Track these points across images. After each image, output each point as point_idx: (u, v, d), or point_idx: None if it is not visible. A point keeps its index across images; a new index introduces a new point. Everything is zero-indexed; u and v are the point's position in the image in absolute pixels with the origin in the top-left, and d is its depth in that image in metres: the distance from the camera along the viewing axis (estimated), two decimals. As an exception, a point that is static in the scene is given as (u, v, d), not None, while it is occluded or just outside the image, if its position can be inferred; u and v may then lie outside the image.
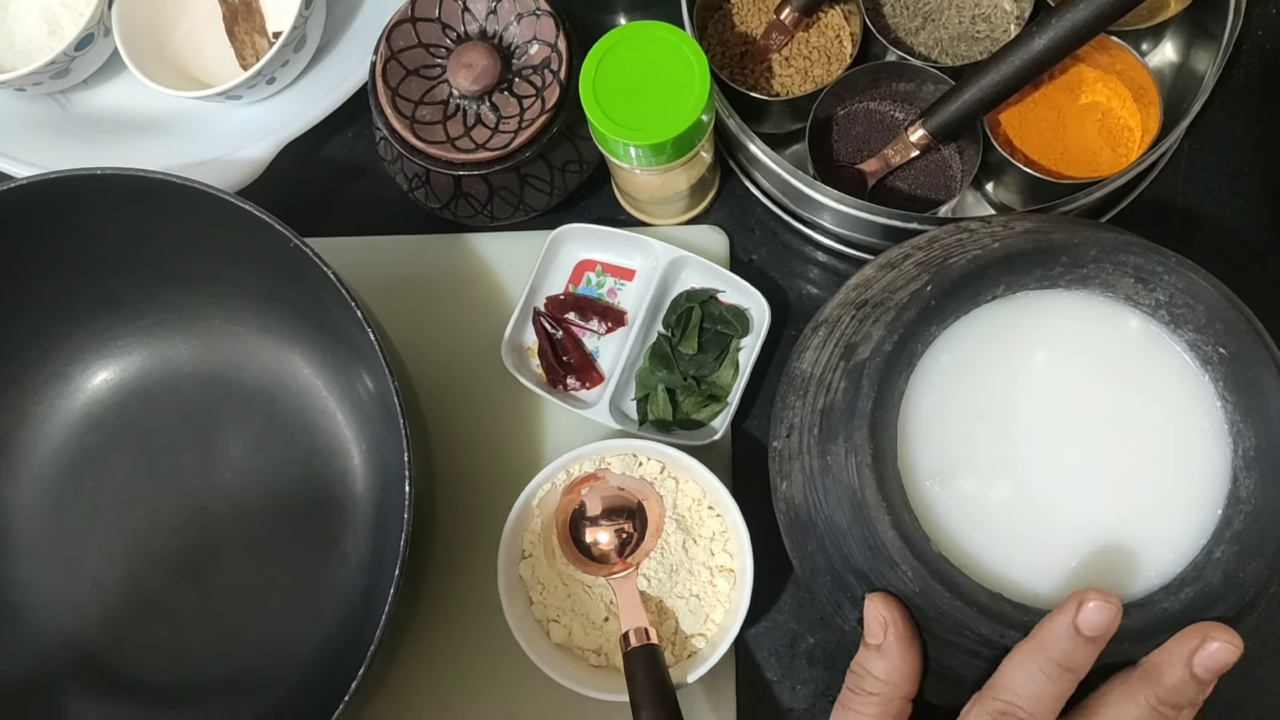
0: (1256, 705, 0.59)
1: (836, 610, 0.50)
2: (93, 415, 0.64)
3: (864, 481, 0.44)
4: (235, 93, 0.65)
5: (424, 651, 0.61)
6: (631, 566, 0.57)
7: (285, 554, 0.62)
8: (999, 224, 0.52)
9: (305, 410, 0.63)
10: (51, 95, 0.71)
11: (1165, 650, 0.42)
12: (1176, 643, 0.41)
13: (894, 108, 0.64)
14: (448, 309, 0.66)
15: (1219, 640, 0.41)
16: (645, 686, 0.52)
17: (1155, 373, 0.47)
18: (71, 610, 0.62)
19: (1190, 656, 0.41)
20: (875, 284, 0.52)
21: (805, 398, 0.51)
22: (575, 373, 0.63)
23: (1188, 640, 0.41)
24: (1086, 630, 0.40)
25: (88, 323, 0.63)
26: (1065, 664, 0.41)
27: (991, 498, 0.46)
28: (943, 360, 0.47)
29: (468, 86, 0.59)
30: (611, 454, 0.58)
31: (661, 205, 0.65)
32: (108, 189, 0.55)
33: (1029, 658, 0.41)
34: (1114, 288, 0.47)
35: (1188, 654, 0.41)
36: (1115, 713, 0.41)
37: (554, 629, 0.57)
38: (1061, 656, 0.41)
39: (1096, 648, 0.41)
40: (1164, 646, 0.42)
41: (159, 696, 0.60)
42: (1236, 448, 0.45)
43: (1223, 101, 0.67)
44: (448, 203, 0.63)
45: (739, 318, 0.63)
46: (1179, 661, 0.41)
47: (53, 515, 0.63)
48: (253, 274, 0.60)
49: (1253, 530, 0.43)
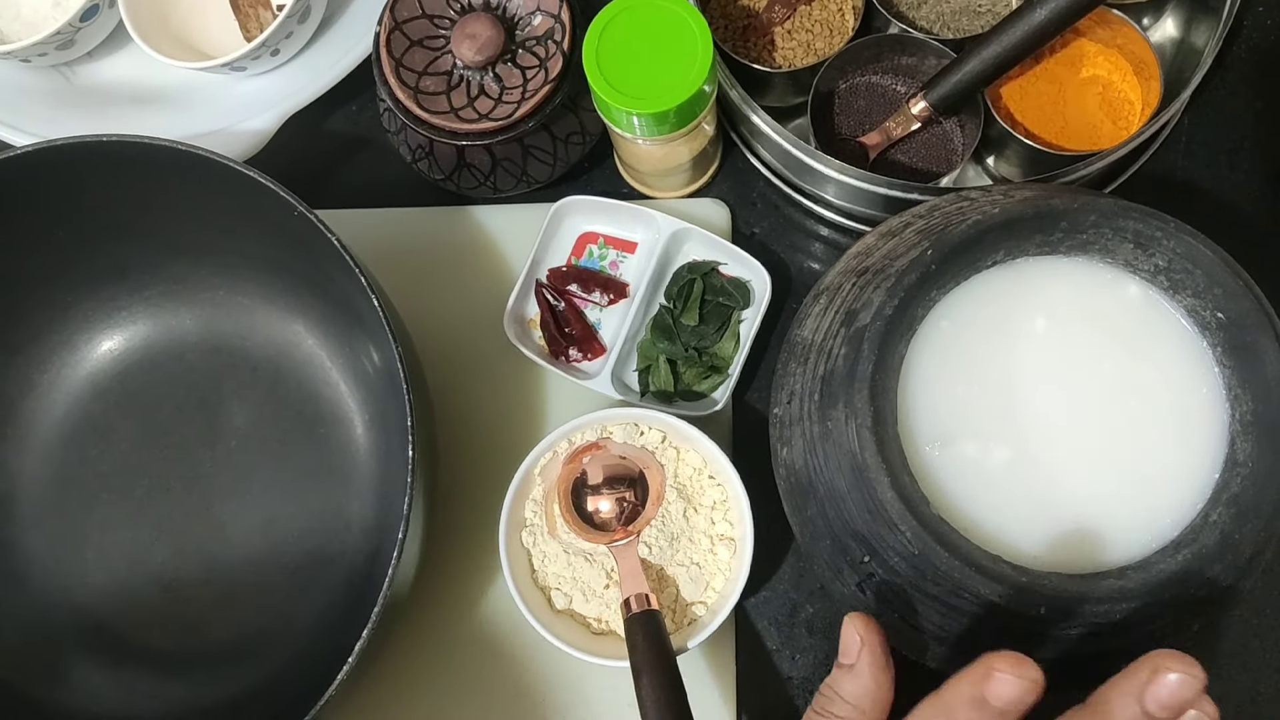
0: (1251, 676, 0.59)
1: (836, 575, 0.51)
2: (98, 384, 0.65)
3: (864, 444, 0.45)
4: (239, 64, 0.65)
5: (427, 619, 0.62)
6: (633, 534, 0.57)
7: (288, 522, 0.62)
8: (999, 192, 0.52)
9: (309, 380, 0.64)
10: (56, 67, 0.71)
11: (1114, 685, 0.36)
12: (1126, 676, 0.36)
13: (896, 81, 0.65)
14: (450, 281, 0.66)
15: (1175, 671, 0.35)
16: (646, 652, 0.52)
17: (1154, 338, 0.47)
18: (76, 577, 0.62)
19: (1142, 691, 0.35)
20: (876, 252, 0.52)
21: (806, 364, 0.51)
22: (577, 344, 0.64)
23: (1138, 673, 0.36)
24: (994, 701, 0.36)
25: (93, 292, 0.63)
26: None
27: (991, 462, 0.47)
28: (943, 325, 0.48)
29: (471, 57, 0.59)
30: (613, 423, 0.59)
31: (664, 178, 0.65)
32: (112, 157, 0.55)
33: (933, 715, 0.39)
34: (1113, 253, 0.47)
35: (1138, 688, 0.35)
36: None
37: (555, 596, 0.58)
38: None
39: (1015, 714, 0.37)
40: (1113, 681, 0.37)
41: (163, 662, 0.61)
42: (1234, 412, 0.45)
43: (1223, 77, 0.67)
44: (451, 174, 0.64)
45: (740, 290, 0.63)
46: (1129, 696, 0.36)
47: (58, 484, 0.63)
48: (257, 243, 0.60)
49: (1249, 493, 0.44)
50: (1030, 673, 0.36)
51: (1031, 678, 0.36)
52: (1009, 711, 0.36)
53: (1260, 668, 0.59)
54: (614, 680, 0.59)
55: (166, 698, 0.60)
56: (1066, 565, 0.44)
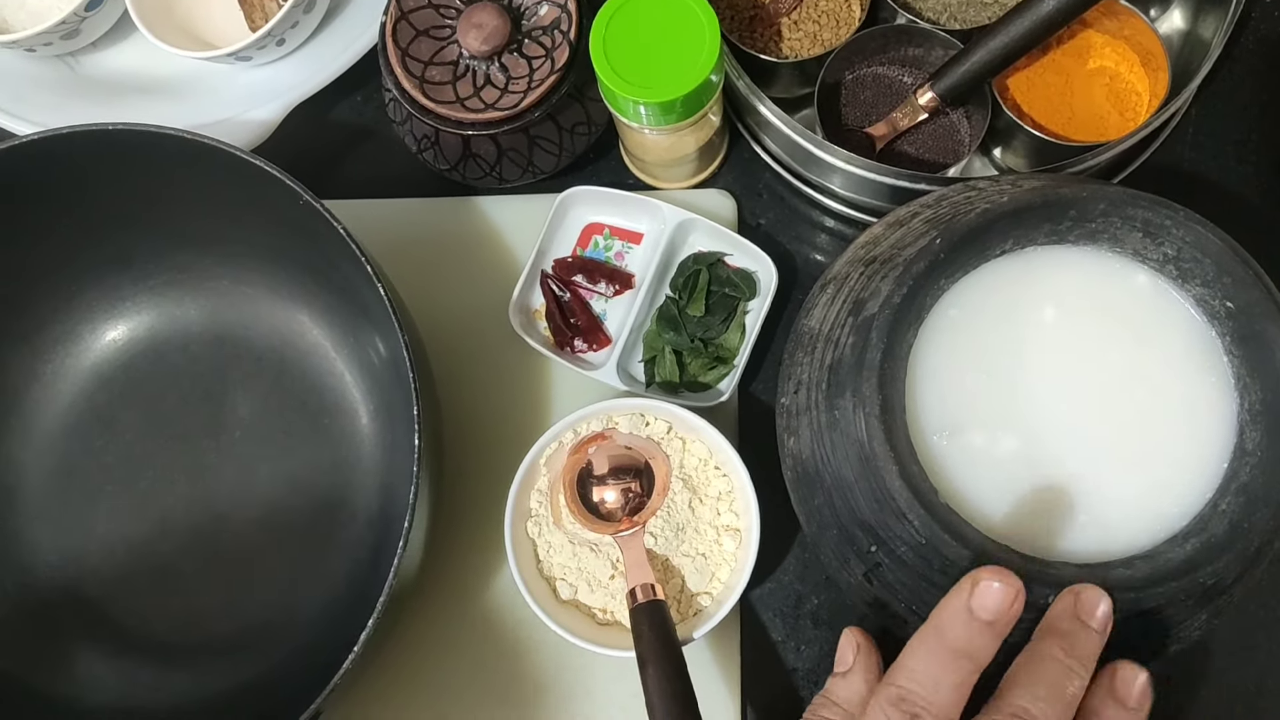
0: (1257, 669, 0.59)
1: (843, 565, 0.51)
2: (102, 374, 0.64)
3: (872, 433, 0.45)
4: (245, 54, 0.65)
5: (432, 609, 0.61)
6: (638, 525, 0.57)
7: (293, 513, 0.62)
8: (1007, 182, 0.52)
9: (314, 370, 0.63)
10: (61, 57, 0.71)
11: (1050, 613, 0.41)
12: (1056, 603, 0.41)
13: (902, 72, 0.65)
14: (456, 271, 0.66)
15: (1087, 589, 0.41)
16: (651, 642, 0.52)
17: (1163, 328, 0.47)
18: (80, 568, 0.62)
19: (1073, 611, 0.40)
20: (884, 241, 0.52)
21: (813, 354, 0.51)
22: (583, 335, 0.63)
23: (1064, 598, 0.41)
24: (981, 614, 0.39)
25: (97, 282, 0.63)
26: (960, 650, 0.39)
27: (999, 451, 0.46)
28: (951, 315, 0.48)
29: (477, 47, 0.59)
30: (619, 413, 0.58)
31: (670, 168, 0.65)
32: (117, 145, 0.55)
33: (924, 642, 0.40)
34: (1122, 242, 0.47)
35: (1070, 609, 0.41)
36: (1035, 674, 0.40)
37: (561, 586, 0.58)
38: (955, 641, 0.40)
39: (996, 633, 0.40)
40: (1047, 612, 0.41)
41: (166, 653, 0.61)
42: (1243, 401, 0.45)
43: (1230, 68, 0.67)
44: (456, 164, 0.64)
45: (746, 281, 0.63)
46: (1066, 615, 0.40)
47: (62, 474, 0.63)
48: (262, 233, 0.60)
49: (1258, 481, 0.43)
50: (1012, 581, 0.39)
51: (1015, 586, 0.39)
52: (996, 623, 0.39)
53: (1267, 661, 0.59)
54: (619, 670, 0.59)
55: (170, 688, 0.60)
56: (1074, 555, 0.44)
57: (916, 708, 0.39)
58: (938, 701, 0.39)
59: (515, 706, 0.60)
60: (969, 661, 0.40)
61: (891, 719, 0.39)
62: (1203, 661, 0.59)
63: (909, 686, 0.40)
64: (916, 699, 0.39)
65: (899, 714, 0.39)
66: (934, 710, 0.39)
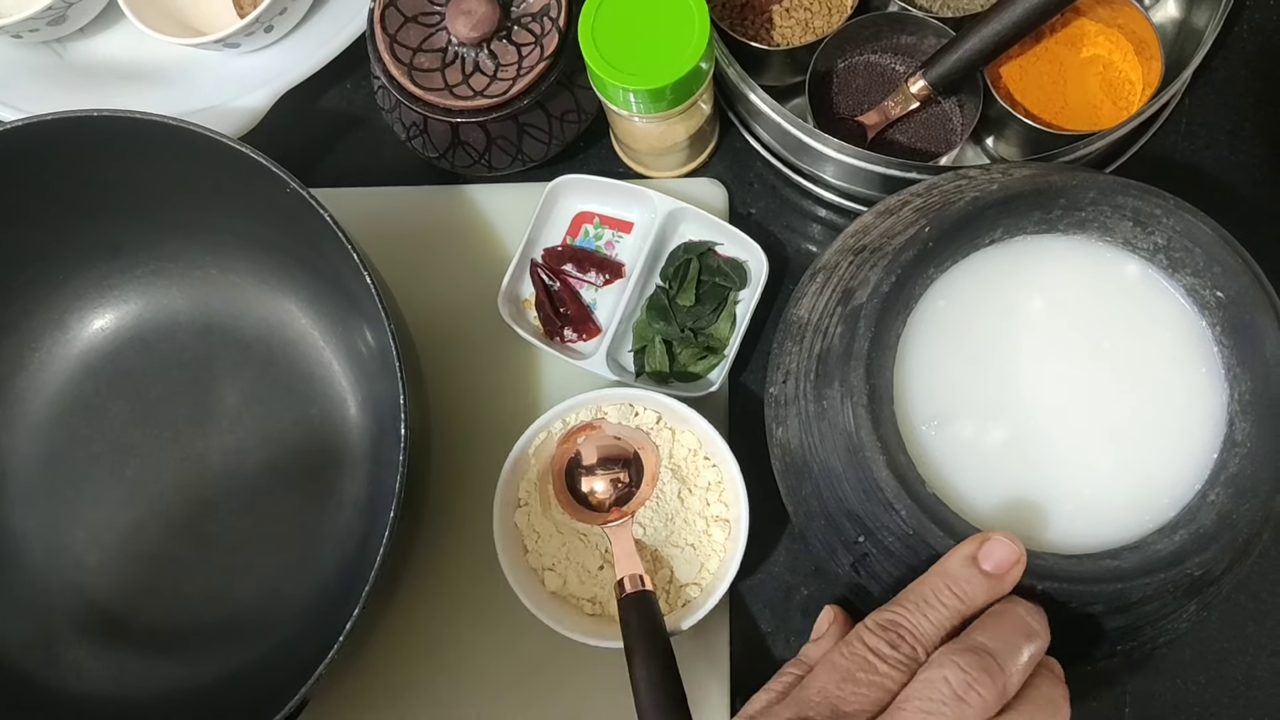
0: (1247, 659, 0.59)
1: (830, 555, 0.50)
2: (89, 363, 0.64)
3: (860, 423, 0.45)
4: (233, 40, 0.65)
5: (419, 600, 0.61)
6: (627, 515, 0.57)
7: (281, 501, 0.62)
8: (999, 171, 0.52)
9: (302, 359, 0.63)
10: (48, 43, 0.71)
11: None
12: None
13: (894, 61, 0.64)
14: (445, 260, 0.66)
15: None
16: (639, 632, 0.52)
17: (1153, 318, 0.47)
18: (68, 557, 0.62)
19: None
20: (873, 230, 0.52)
21: (802, 343, 0.51)
22: (572, 324, 0.63)
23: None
24: (984, 563, 0.42)
25: (85, 270, 0.63)
26: (956, 591, 0.42)
27: (987, 442, 0.46)
28: (940, 304, 0.47)
29: (466, 34, 0.59)
30: (608, 403, 0.58)
31: (660, 157, 0.64)
32: (104, 133, 0.55)
33: (924, 581, 0.43)
34: (1112, 231, 0.47)
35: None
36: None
37: (549, 577, 0.57)
38: (954, 583, 0.42)
39: (991, 586, 0.42)
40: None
41: (156, 642, 0.61)
42: (1233, 392, 0.45)
43: (1224, 57, 0.66)
44: (445, 152, 0.63)
45: (737, 270, 0.62)
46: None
47: (49, 463, 0.63)
48: (250, 221, 0.60)
49: (1247, 473, 0.43)
50: (1019, 544, 0.42)
51: (1020, 549, 0.42)
52: (994, 575, 0.42)
53: (1256, 651, 0.59)
54: (608, 661, 0.59)
55: (159, 677, 0.60)
56: (1063, 545, 0.44)
57: (903, 629, 0.41)
58: (922, 628, 0.41)
59: (503, 696, 0.60)
60: (960, 602, 0.42)
61: (875, 634, 0.42)
62: (1192, 653, 0.59)
63: (899, 613, 0.42)
64: (904, 623, 0.42)
65: (885, 634, 0.42)
66: (918, 634, 0.41)
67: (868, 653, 0.41)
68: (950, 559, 0.43)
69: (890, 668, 0.41)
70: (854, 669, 0.41)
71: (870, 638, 0.42)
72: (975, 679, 0.39)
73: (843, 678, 0.41)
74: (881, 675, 0.41)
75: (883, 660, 0.41)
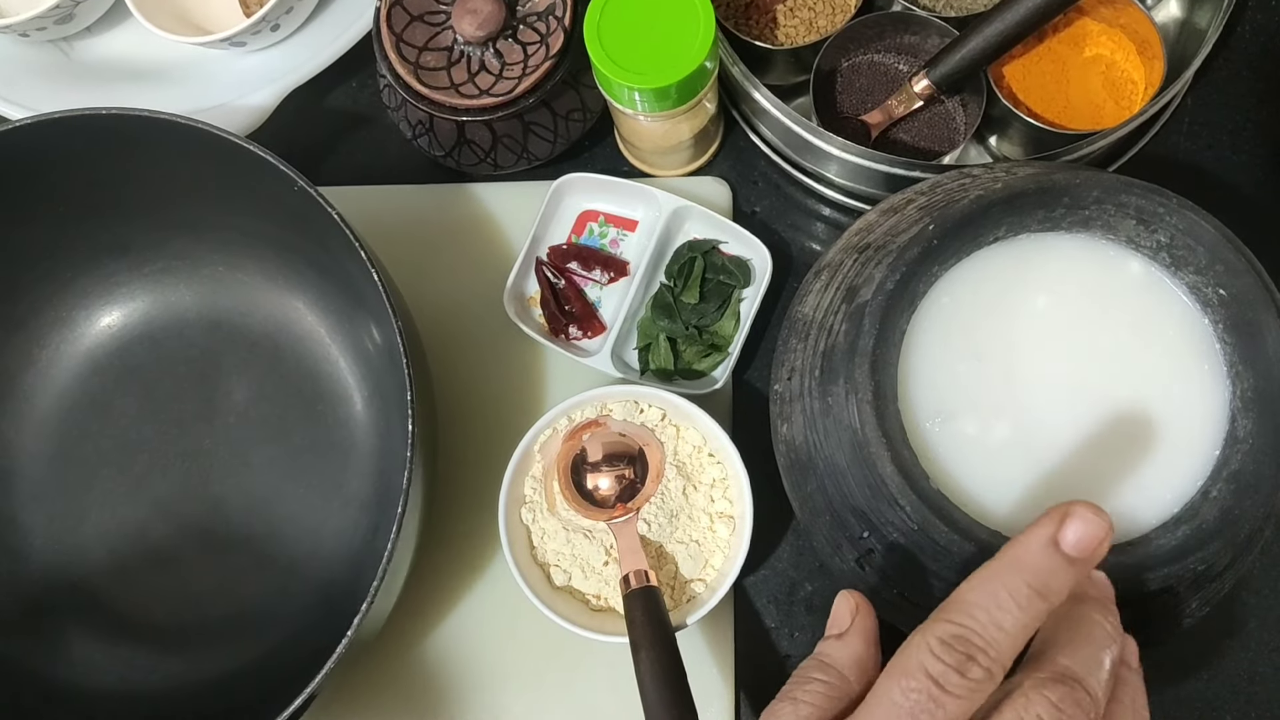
0: (1250, 655, 0.59)
1: (835, 551, 0.51)
2: (97, 360, 0.64)
3: (864, 419, 0.45)
4: (239, 40, 0.65)
5: (426, 596, 0.62)
6: (632, 511, 0.57)
7: (287, 497, 0.62)
8: (1002, 169, 0.52)
9: (308, 357, 0.63)
10: (54, 42, 0.71)
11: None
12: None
13: (898, 60, 0.64)
14: (450, 258, 0.66)
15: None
16: (645, 627, 0.52)
17: (1156, 316, 0.47)
18: (75, 553, 0.62)
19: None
20: (877, 228, 0.52)
21: (806, 341, 0.51)
22: (577, 322, 0.63)
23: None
24: (1067, 547, 0.34)
25: (93, 268, 0.63)
26: (1038, 587, 0.34)
27: (991, 438, 0.47)
28: (944, 302, 0.48)
29: (472, 32, 0.59)
30: (613, 400, 0.58)
31: (665, 156, 0.65)
32: (111, 130, 0.55)
33: (994, 578, 0.35)
34: (1116, 230, 0.47)
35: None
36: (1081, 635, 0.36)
37: (554, 573, 0.58)
38: (1035, 577, 0.34)
39: (1078, 571, 0.35)
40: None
41: (161, 637, 0.61)
42: (1235, 389, 0.45)
43: (1226, 57, 0.67)
44: (451, 150, 0.64)
45: (741, 268, 0.63)
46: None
47: (57, 459, 0.63)
48: (257, 219, 0.60)
49: (1249, 469, 0.44)
50: (1105, 518, 0.34)
51: (1107, 524, 0.34)
52: (1079, 561, 0.34)
53: (1259, 648, 0.59)
54: (613, 656, 0.59)
55: (165, 672, 0.60)
56: (1066, 541, 0.44)
57: (974, 648, 0.34)
58: (999, 642, 0.34)
59: (509, 692, 0.61)
60: (1042, 601, 0.34)
61: (942, 659, 0.34)
62: (1195, 649, 0.59)
63: (967, 624, 0.34)
64: (974, 638, 0.34)
65: (952, 655, 0.34)
66: (993, 653, 0.34)
67: (932, 685, 0.33)
68: (1026, 545, 0.35)
69: (962, 699, 0.33)
70: (917, 710, 0.33)
71: (933, 663, 0.34)
72: (1069, 716, 0.33)
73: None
74: (952, 712, 0.33)
75: (953, 695, 0.33)
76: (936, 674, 0.33)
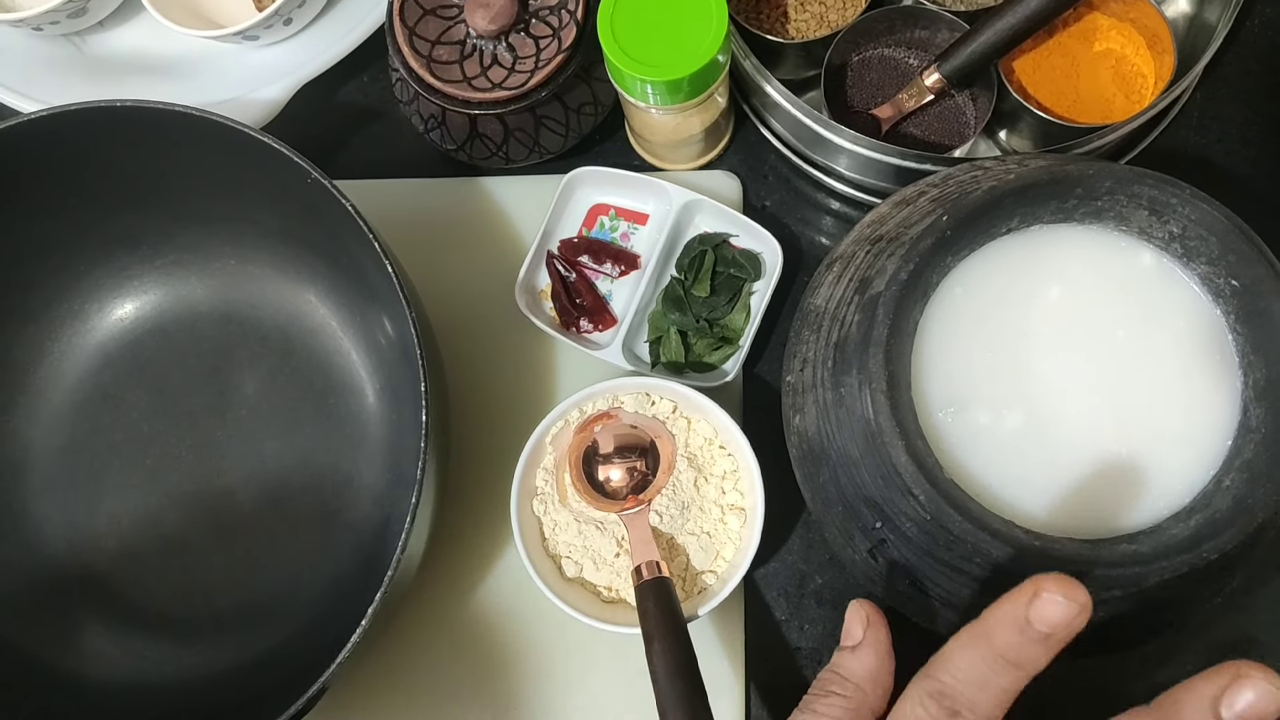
0: (1259, 648, 0.59)
1: (848, 542, 0.51)
2: (109, 353, 0.65)
3: (878, 409, 0.45)
4: (252, 33, 0.65)
5: (438, 587, 0.62)
6: (643, 503, 0.57)
7: (299, 489, 0.62)
8: (1014, 162, 0.52)
9: (320, 349, 0.64)
10: (67, 36, 0.71)
11: (1188, 686, 0.35)
12: (1203, 679, 0.35)
13: (909, 54, 0.65)
14: (462, 251, 0.66)
15: (1255, 678, 0.33)
16: (657, 618, 0.52)
17: (1168, 306, 0.47)
18: (87, 544, 0.62)
19: (1218, 696, 0.34)
20: (890, 220, 0.52)
21: (819, 332, 0.51)
22: (588, 315, 0.64)
23: (1216, 678, 0.34)
24: (1039, 625, 0.35)
25: (105, 261, 0.63)
26: (1010, 658, 0.36)
27: (1004, 428, 0.47)
28: (956, 293, 0.48)
29: (485, 26, 0.59)
30: (624, 392, 0.59)
31: (676, 149, 0.65)
32: (125, 123, 0.55)
33: (973, 643, 0.37)
34: (1128, 221, 0.47)
35: (1215, 692, 0.34)
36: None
37: (566, 564, 0.58)
38: (1006, 649, 0.36)
39: (1050, 647, 0.36)
40: (1187, 682, 0.35)
41: (173, 629, 0.61)
42: (1247, 379, 0.46)
43: (1236, 52, 0.67)
44: (463, 144, 0.64)
45: (752, 261, 0.63)
46: (1204, 699, 0.34)
47: (68, 452, 0.63)
48: (270, 212, 0.60)
49: (1262, 458, 0.44)
50: (1079, 596, 0.35)
51: (1080, 601, 0.35)
52: (1053, 636, 0.35)
53: (1269, 639, 0.59)
54: (625, 647, 0.59)
55: (177, 664, 0.60)
56: (1079, 530, 0.45)
57: (959, 705, 0.37)
58: (982, 702, 0.37)
59: (521, 683, 0.61)
60: (1018, 669, 0.37)
61: (930, 712, 0.37)
62: (1202, 641, 0.59)
63: (952, 683, 0.37)
64: (959, 697, 0.37)
65: (938, 709, 0.37)
66: (977, 712, 0.37)
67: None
68: (999, 619, 0.36)
69: None
70: None
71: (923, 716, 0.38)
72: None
73: None
74: None
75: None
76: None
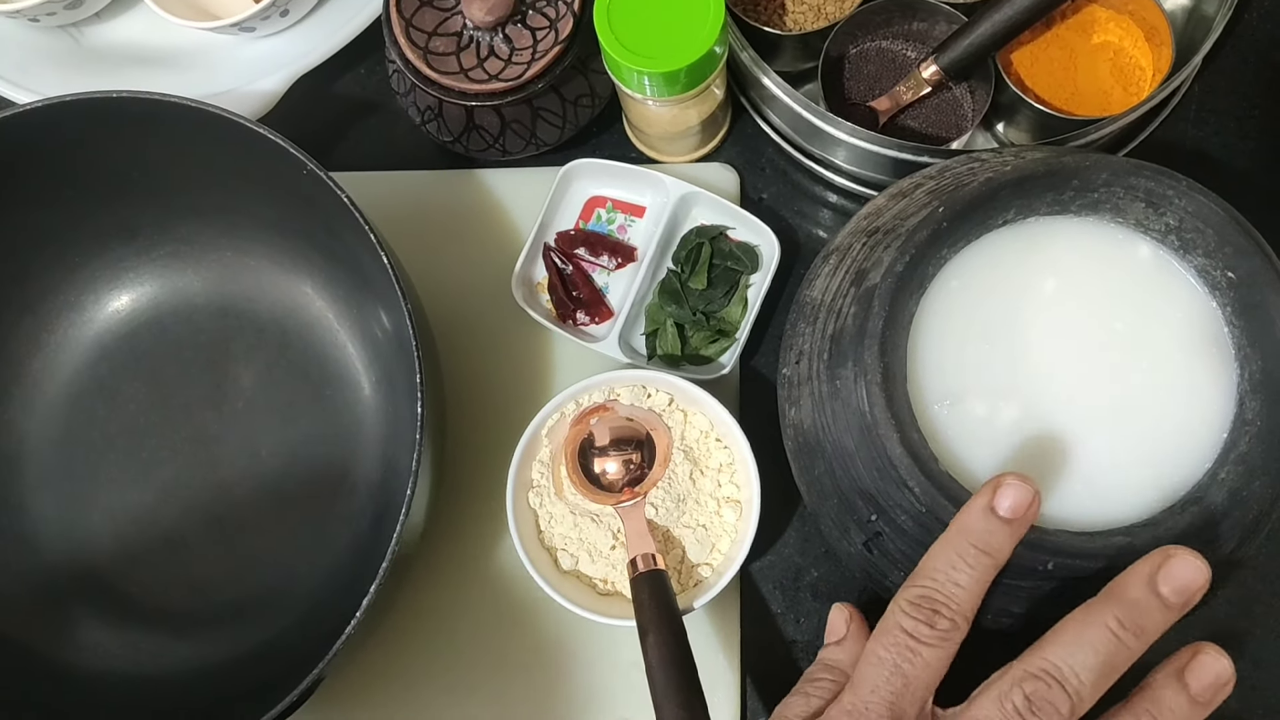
0: (1254, 641, 0.59)
1: (843, 535, 0.51)
2: (105, 345, 0.65)
3: (873, 401, 0.45)
4: (249, 25, 0.65)
5: (433, 579, 0.62)
6: (639, 495, 0.57)
7: (295, 482, 0.62)
8: (1011, 154, 0.52)
9: (317, 342, 0.64)
10: (64, 27, 0.71)
11: (1127, 571, 0.40)
12: (1139, 563, 0.40)
13: (906, 47, 0.64)
14: (459, 244, 0.66)
15: (1181, 557, 0.39)
16: (652, 611, 0.52)
17: (1164, 299, 0.47)
18: (84, 538, 0.62)
19: (1153, 574, 0.39)
20: (887, 212, 0.52)
21: (815, 324, 0.51)
22: (585, 307, 0.64)
23: (1151, 559, 0.40)
24: (1002, 511, 0.41)
25: (101, 253, 0.63)
26: (981, 546, 0.41)
27: (999, 421, 0.47)
28: (953, 285, 0.48)
29: (481, 18, 0.59)
30: (620, 385, 0.59)
31: (673, 141, 0.65)
32: (121, 114, 0.55)
33: (946, 543, 0.42)
34: (1124, 213, 0.47)
35: (1150, 572, 0.39)
36: (1074, 634, 0.39)
37: (562, 557, 0.58)
38: (977, 539, 0.41)
39: (1012, 532, 0.41)
40: (1127, 569, 0.40)
41: (169, 621, 0.61)
42: (1243, 371, 0.46)
43: (1234, 45, 0.67)
44: (460, 135, 0.64)
45: (749, 254, 0.63)
46: (1140, 580, 0.39)
47: (65, 445, 0.63)
48: (266, 204, 0.60)
49: (1258, 451, 0.44)
50: (1031, 484, 0.41)
51: (1033, 488, 0.41)
52: (1013, 521, 0.41)
53: (1264, 633, 0.59)
54: (620, 639, 0.59)
55: (173, 656, 0.60)
56: (1074, 522, 0.45)
57: (938, 604, 0.41)
58: (957, 596, 0.41)
59: (517, 675, 0.61)
60: (987, 558, 0.41)
61: (911, 615, 0.41)
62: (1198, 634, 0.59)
63: (929, 585, 0.41)
64: (937, 595, 0.41)
65: (920, 612, 0.41)
66: (954, 605, 0.41)
67: (907, 638, 0.41)
68: (968, 514, 0.42)
69: (935, 647, 0.40)
70: (899, 660, 0.41)
71: (906, 621, 0.41)
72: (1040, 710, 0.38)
73: (891, 672, 0.41)
74: (928, 658, 0.40)
75: (926, 644, 0.40)
76: (910, 628, 0.41)
